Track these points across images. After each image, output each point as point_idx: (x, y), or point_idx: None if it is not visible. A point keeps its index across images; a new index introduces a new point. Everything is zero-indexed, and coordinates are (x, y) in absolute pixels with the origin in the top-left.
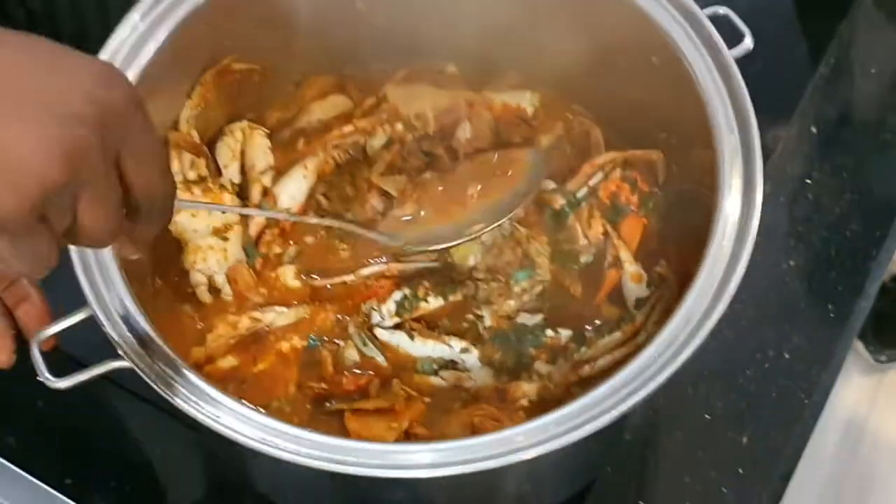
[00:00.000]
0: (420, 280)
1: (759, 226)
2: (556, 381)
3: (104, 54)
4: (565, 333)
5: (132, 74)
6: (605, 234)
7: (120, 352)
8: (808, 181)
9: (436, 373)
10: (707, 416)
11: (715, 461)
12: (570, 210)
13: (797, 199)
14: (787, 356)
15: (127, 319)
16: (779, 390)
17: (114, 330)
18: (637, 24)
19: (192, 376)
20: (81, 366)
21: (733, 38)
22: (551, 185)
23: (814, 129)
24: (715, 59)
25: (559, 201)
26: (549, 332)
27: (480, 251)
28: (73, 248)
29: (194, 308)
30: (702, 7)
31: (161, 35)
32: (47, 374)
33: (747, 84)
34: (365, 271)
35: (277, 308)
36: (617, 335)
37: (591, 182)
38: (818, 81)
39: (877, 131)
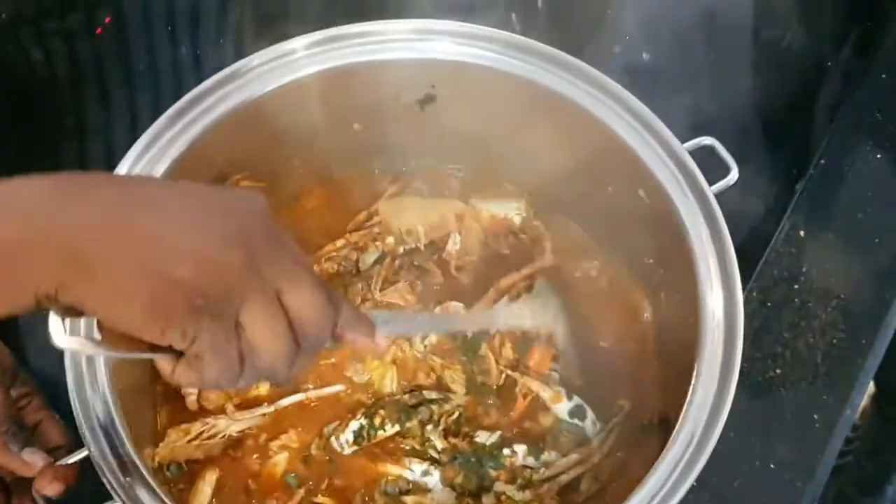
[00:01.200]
0: (376, 409)
1: (745, 331)
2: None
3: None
4: (521, 450)
5: None
6: (517, 359)
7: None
8: (796, 286)
9: (399, 496)
10: None
11: None
12: (482, 338)
13: (784, 304)
14: (773, 467)
15: (123, 462)
16: (765, 503)
17: (111, 477)
18: (623, 159)
19: None
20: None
21: (719, 166)
22: (461, 308)
23: (802, 233)
24: (696, 195)
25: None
26: (506, 451)
27: (396, 376)
28: (70, 386)
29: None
30: (690, 136)
31: (162, 166)
32: None
33: (738, 190)
34: (284, 402)
35: (229, 418)
36: (574, 456)
37: (496, 306)
38: (807, 184)
39: (867, 235)
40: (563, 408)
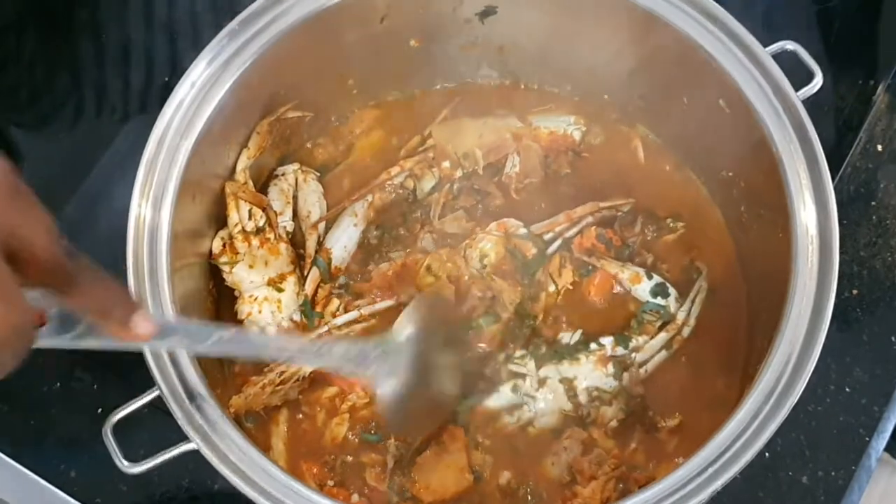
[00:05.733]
0: None
1: None
2: (632, 393)
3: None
4: (608, 341)
5: (196, 129)
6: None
7: (190, 436)
8: (873, 203)
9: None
10: (766, 454)
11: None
12: (542, 261)
13: (861, 221)
14: (848, 391)
15: (193, 397)
16: (840, 427)
17: (181, 412)
18: (700, 66)
19: (259, 459)
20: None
21: (802, 73)
22: (522, 229)
23: (879, 147)
24: (783, 103)
25: (531, 250)
26: (593, 345)
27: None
28: None
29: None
30: (772, 41)
31: (219, 91)
32: (122, 460)
33: (812, 102)
34: (337, 321)
35: None
36: (662, 335)
37: (558, 228)
38: (884, 97)
39: None
40: (644, 288)
